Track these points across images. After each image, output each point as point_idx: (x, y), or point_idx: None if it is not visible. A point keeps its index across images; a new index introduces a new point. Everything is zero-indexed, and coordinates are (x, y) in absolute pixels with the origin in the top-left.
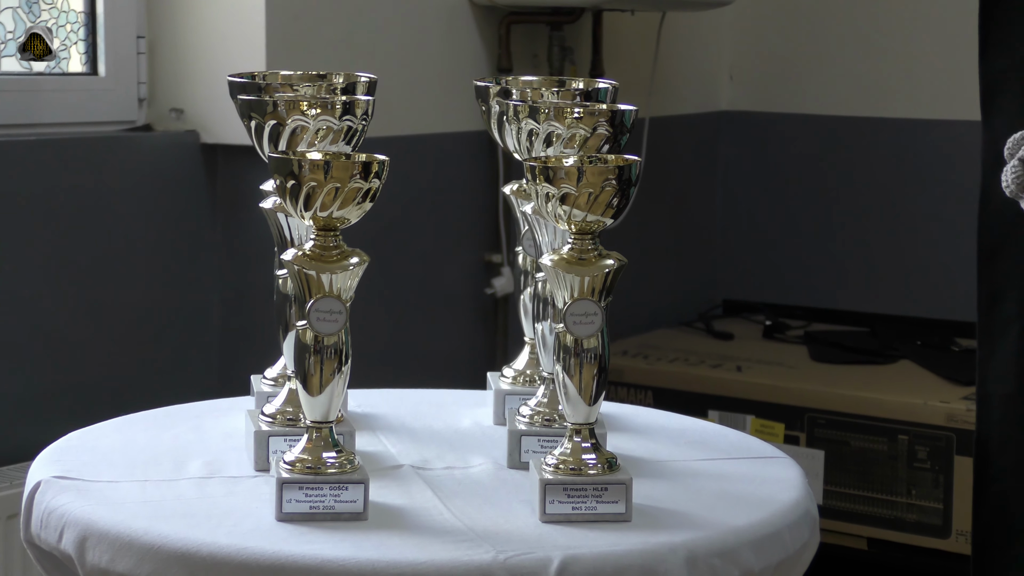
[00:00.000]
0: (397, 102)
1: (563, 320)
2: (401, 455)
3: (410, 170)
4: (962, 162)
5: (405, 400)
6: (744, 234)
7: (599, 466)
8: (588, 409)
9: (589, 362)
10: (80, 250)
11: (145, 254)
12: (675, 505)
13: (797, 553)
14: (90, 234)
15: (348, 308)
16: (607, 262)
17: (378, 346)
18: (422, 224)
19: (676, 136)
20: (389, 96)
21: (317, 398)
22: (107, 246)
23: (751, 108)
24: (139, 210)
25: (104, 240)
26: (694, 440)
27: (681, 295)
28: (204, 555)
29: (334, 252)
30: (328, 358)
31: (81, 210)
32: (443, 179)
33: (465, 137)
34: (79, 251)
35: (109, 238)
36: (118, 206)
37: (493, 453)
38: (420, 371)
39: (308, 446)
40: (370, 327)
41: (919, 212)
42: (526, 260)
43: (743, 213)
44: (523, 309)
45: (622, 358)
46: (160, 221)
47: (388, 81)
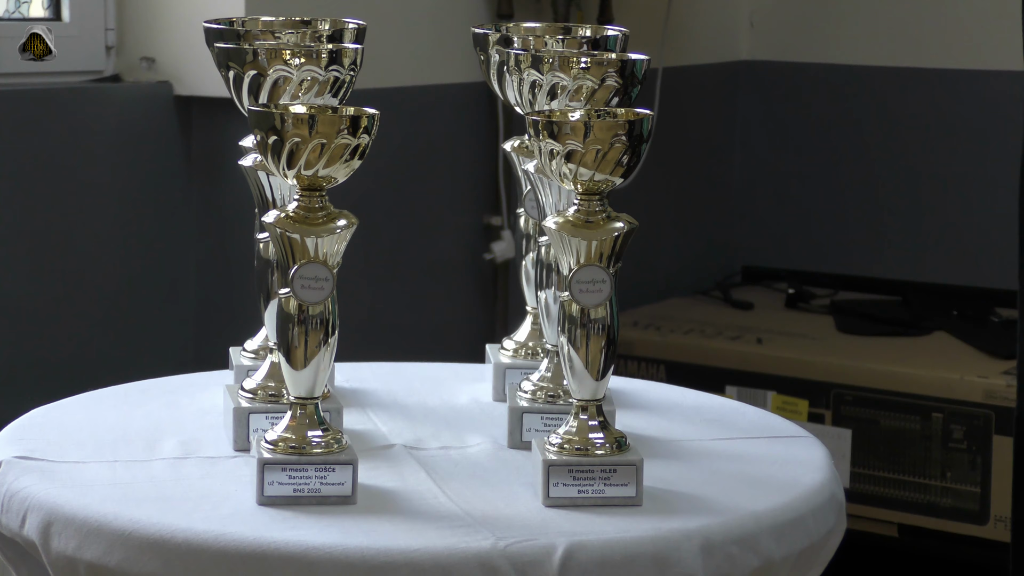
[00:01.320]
0: (388, 51)
1: (568, 288)
2: (393, 434)
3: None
4: (1003, 116)
5: (397, 375)
6: (765, 195)
7: (607, 446)
8: (595, 384)
9: (596, 333)
10: (42, 212)
11: (114, 216)
12: (690, 488)
13: (822, 540)
14: (53, 195)
15: (335, 275)
16: (616, 225)
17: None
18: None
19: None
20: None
21: (301, 372)
22: (72, 208)
23: (773, 57)
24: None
25: (69, 201)
26: (710, 418)
27: (697, 261)
28: (179, 542)
29: (320, 214)
30: (313, 329)
31: (43, 168)
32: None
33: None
34: (41, 213)
35: (74, 199)
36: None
37: (492, 432)
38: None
39: (292, 424)
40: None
41: (956, 171)
42: (528, 223)
43: (764, 172)
44: (525, 276)
45: (632, 329)
46: (130, 180)
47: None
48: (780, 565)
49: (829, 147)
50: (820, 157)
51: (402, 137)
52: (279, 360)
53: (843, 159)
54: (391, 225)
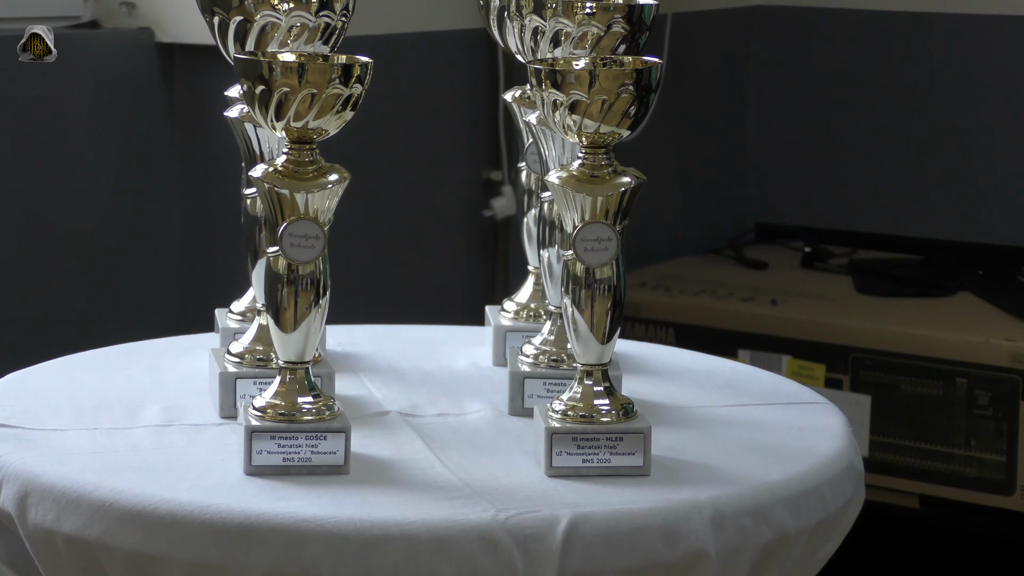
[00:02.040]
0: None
1: (572, 246)
2: (387, 400)
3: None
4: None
5: (392, 338)
6: (780, 148)
7: (613, 413)
8: (601, 348)
9: (602, 294)
10: (17, 165)
11: (92, 171)
12: (700, 457)
13: (839, 512)
14: (28, 147)
15: (326, 232)
16: (623, 180)
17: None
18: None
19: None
20: None
21: (291, 335)
22: (47, 161)
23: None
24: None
25: (45, 154)
26: (722, 384)
27: (708, 218)
28: (162, 513)
29: (310, 168)
30: (303, 289)
31: (17, 119)
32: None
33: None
34: (16, 166)
35: (49, 152)
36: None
37: (492, 398)
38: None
39: (281, 390)
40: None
41: (981, 123)
42: (530, 178)
43: (779, 124)
44: (526, 234)
45: (640, 290)
46: (109, 133)
47: None
48: (795, 538)
49: (848, 97)
50: (838, 108)
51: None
52: (267, 322)
53: (863, 111)
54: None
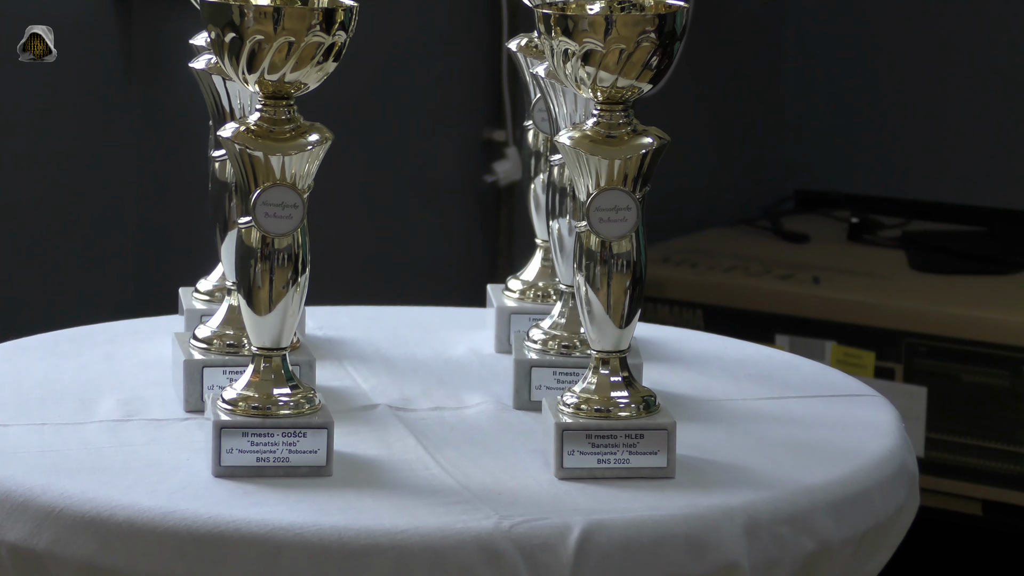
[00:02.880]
0: None
1: (586, 216)
2: (375, 392)
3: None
4: None
5: (380, 320)
6: (823, 104)
7: (632, 407)
8: (618, 333)
9: (620, 271)
10: None
11: (38, 127)
12: (731, 457)
13: (890, 519)
14: None
15: (305, 201)
16: (643, 140)
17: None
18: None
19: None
20: None
21: (266, 318)
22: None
23: None
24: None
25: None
26: (756, 373)
27: (741, 184)
28: (120, 520)
29: (287, 127)
30: (280, 266)
31: None
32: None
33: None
34: None
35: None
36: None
37: (495, 390)
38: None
39: (254, 380)
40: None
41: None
42: (537, 138)
43: (822, 77)
44: (533, 202)
45: (663, 266)
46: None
47: None
48: (839, 549)
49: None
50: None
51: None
52: (238, 303)
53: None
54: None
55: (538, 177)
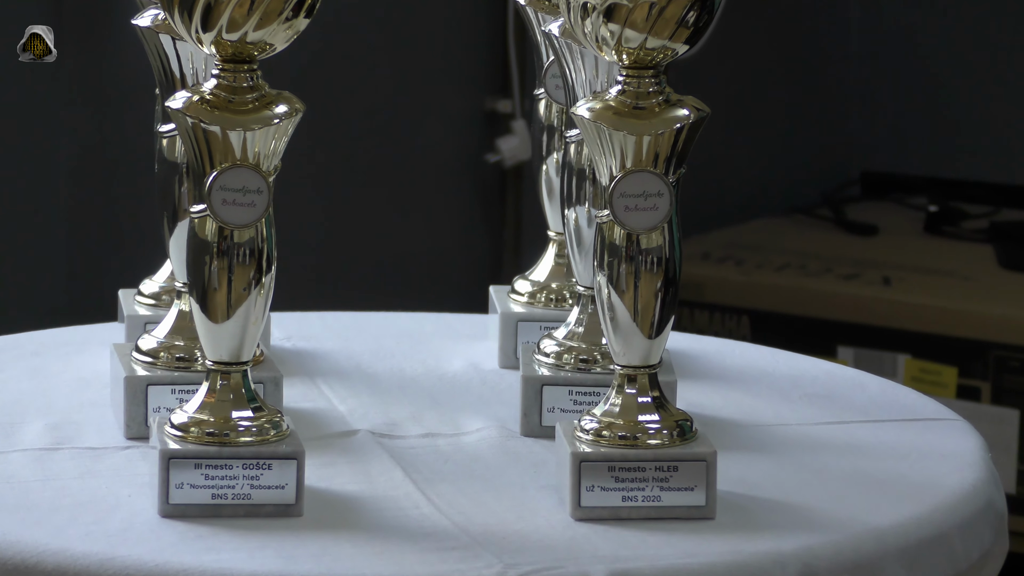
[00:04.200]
0: None
1: (609, 204)
2: (355, 415)
3: None
4: None
5: (361, 329)
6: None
7: (665, 433)
8: (648, 344)
9: (650, 270)
10: None
11: None
12: (783, 494)
13: (973, 568)
14: None
15: (271, 185)
16: (678, 113)
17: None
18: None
19: None
20: None
21: (223, 326)
22: None
23: None
24: None
25: None
26: (814, 392)
27: (796, 165)
28: (49, 568)
29: (249, 97)
30: (240, 263)
31: None
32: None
33: None
34: None
35: None
36: None
37: (499, 412)
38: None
39: (209, 401)
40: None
41: None
42: (550, 110)
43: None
44: (545, 187)
45: (702, 264)
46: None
47: None
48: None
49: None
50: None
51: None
52: (190, 308)
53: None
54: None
55: (551, 157)
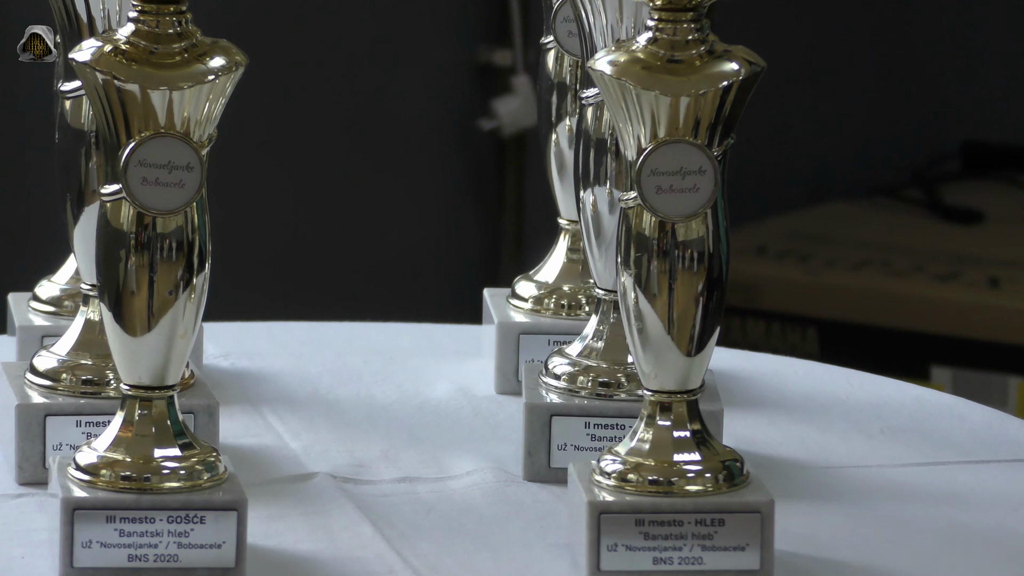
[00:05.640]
0: None
1: (637, 184)
2: (311, 454)
3: None
4: None
5: (320, 343)
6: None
7: (708, 477)
8: (686, 364)
9: (688, 269)
10: None
11: None
12: (859, 554)
13: None
14: None
15: (205, 160)
16: (725, 67)
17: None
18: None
19: None
20: None
21: (143, 340)
22: None
23: None
24: None
25: None
26: (899, 425)
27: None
28: None
29: (176, 47)
30: (165, 259)
31: None
32: None
33: None
34: None
35: None
36: None
37: (495, 451)
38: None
39: (125, 436)
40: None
41: None
42: (561, 63)
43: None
44: (555, 162)
45: (756, 260)
46: None
47: None
48: None
49: None
50: None
51: None
52: (100, 317)
53: None
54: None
55: (562, 123)
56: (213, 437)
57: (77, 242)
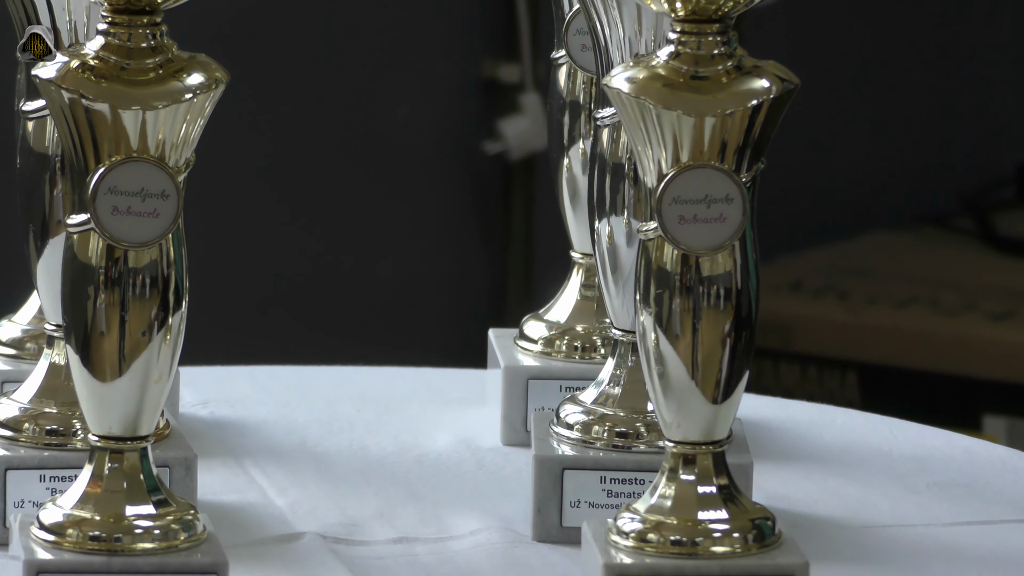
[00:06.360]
0: None
1: (657, 214)
2: (298, 512)
3: None
4: None
5: (308, 390)
6: None
7: (736, 536)
8: (712, 412)
9: (714, 307)
10: None
11: None
12: None
13: None
14: None
15: (182, 187)
16: (755, 85)
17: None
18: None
19: None
20: None
21: (113, 386)
22: None
23: None
24: None
25: None
26: (948, 480)
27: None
28: None
29: (151, 63)
30: (138, 296)
31: None
32: None
33: None
34: None
35: None
36: None
37: (502, 508)
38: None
39: (94, 492)
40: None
41: None
42: (574, 80)
43: None
44: (567, 189)
45: (791, 298)
46: None
47: None
48: None
49: None
50: None
51: None
52: (67, 361)
53: None
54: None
55: (575, 146)
56: (191, 493)
57: (41, 278)
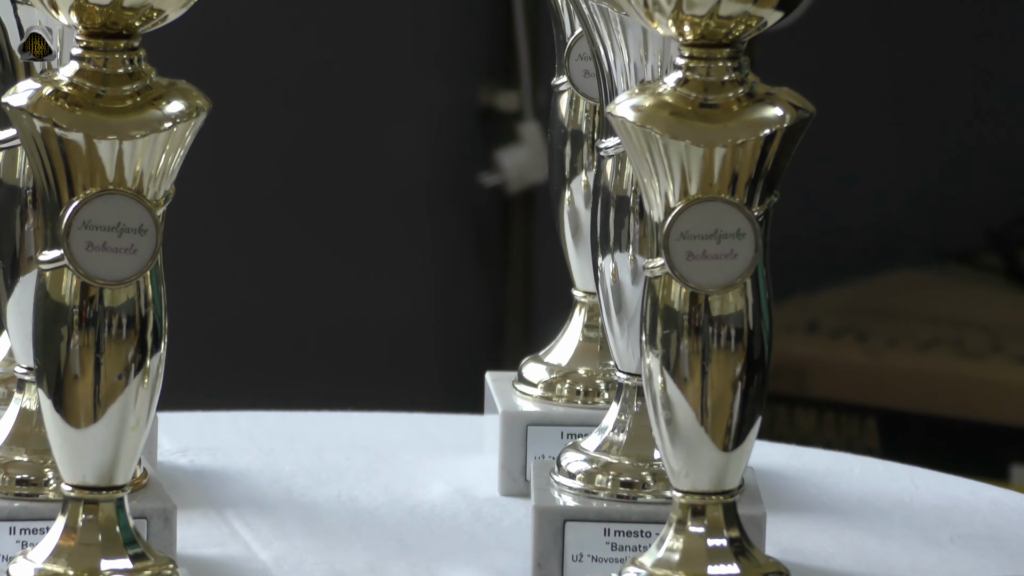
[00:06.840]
0: None
1: (664, 250)
2: (284, 566)
3: None
4: None
5: (294, 437)
6: None
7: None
8: (722, 460)
9: (725, 348)
10: None
11: None
12: None
13: None
14: None
15: (161, 221)
16: (767, 113)
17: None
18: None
19: None
20: None
21: (88, 432)
22: None
23: None
24: None
25: None
26: (973, 533)
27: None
28: None
29: (128, 90)
30: (115, 338)
31: None
32: None
33: None
34: None
35: None
36: None
37: (499, 562)
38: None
39: (67, 545)
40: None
41: None
42: (576, 108)
43: None
44: (569, 223)
45: (806, 339)
46: None
47: None
48: None
49: None
50: None
51: None
52: (39, 406)
53: None
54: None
55: (577, 178)
56: (169, 546)
57: (11, 317)
